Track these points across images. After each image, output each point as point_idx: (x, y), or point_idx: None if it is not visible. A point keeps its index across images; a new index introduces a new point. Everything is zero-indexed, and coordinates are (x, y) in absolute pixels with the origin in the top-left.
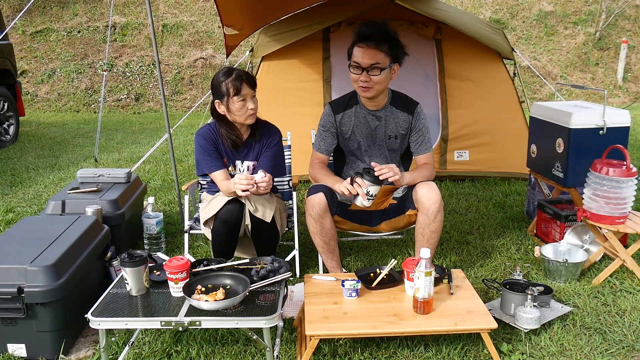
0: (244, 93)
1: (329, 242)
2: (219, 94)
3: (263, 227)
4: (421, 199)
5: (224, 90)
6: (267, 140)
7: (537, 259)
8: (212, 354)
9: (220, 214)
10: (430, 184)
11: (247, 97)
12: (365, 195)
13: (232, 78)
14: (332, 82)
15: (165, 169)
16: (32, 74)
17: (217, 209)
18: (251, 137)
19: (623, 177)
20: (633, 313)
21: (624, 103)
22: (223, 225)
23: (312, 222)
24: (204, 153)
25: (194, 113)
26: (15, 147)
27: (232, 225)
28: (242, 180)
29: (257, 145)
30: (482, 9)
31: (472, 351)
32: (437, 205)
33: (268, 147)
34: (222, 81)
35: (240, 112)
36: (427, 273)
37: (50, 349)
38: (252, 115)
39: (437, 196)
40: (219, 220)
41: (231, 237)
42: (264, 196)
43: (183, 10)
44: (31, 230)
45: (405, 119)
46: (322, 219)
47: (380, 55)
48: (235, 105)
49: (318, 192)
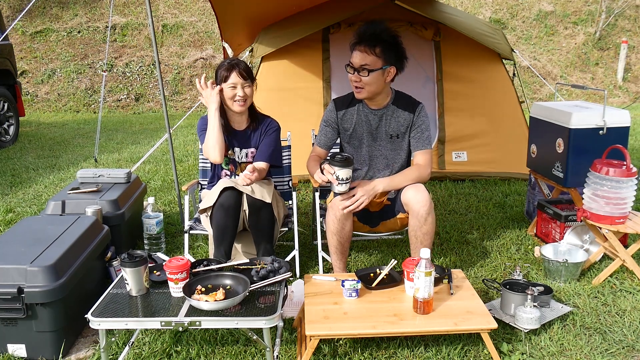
0: (233, 81)
1: (344, 244)
2: (217, 79)
3: (261, 212)
4: (410, 203)
5: (219, 77)
6: (265, 128)
7: (537, 259)
8: (212, 354)
9: (218, 199)
10: (417, 186)
11: (238, 85)
12: (336, 180)
13: (225, 66)
14: (332, 82)
15: (165, 169)
16: (32, 74)
17: (216, 196)
18: (250, 127)
19: (623, 177)
20: (633, 313)
21: (624, 103)
22: (222, 209)
23: (334, 221)
24: (204, 126)
25: (194, 113)
26: (15, 148)
27: (231, 209)
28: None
29: (255, 134)
30: (482, 9)
31: (472, 351)
32: (426, 207)
33: (266, 134)
34: (219, 68)
35: (228, 97)
36: (427, 273)
37: (50, 349)
38: (241, 103)
39: (425, 199)
40: (217, 205)
41: (230, 222)
42: (260, 182)
43: (183, 10)
44: (31, 230)
45: (406, 118)
46: (345, 220)
47: (370, 58)
48: (226, 90)
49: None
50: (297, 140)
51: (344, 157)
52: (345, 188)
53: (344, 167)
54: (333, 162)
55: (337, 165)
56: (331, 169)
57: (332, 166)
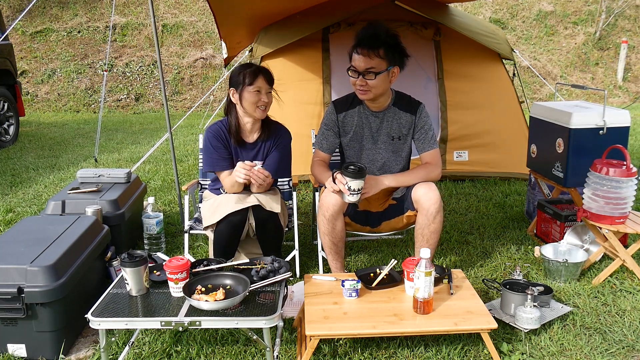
0: (259, 85)
1: (337, 244)
2: (235, 83)
3: (268, 223)
4: (420, 200)
5: (240, 79)
6: (276, 140)
7: (537, 259)
8: (212, 354)
9: (225, 218)
10: (429, 184)
11: (262, 90)
12: (348, 191)
13: (251, 70)
14: (332, 82)
15: (165, 169)
16: (32, 74)
17: (223, 216)
18: (260, 138)
19: (623, 177)
20: (633, 313)
21: (624, 103)
22: (228, 227)
23: (324, 222)
24: (213, 151)
25: (194, 113)
26: (15, 147)
27: (237, 227)
28: (241, 169)
29: (266, 145)
30: (482, 9)
31: (472, 351)
32: (437, 205)
33: (277, 147)
34: (240, 71)
35: (251, 102)
36: (427, 273)
37: (50, 349)
38: (263, 109)
39: (436, 197)
40: (224, 222)
41: (235, 238)
42: (266, 192)
43: (183, 10)
44: (31, 230)
45: (407, 119)
46: (334, 220)
47: (375, 60)
48: (249, 94)
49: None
50: (296, 140)
51: (357, 168)
52: (356, 198)
53: (356, 178)
54: (345, 173)
55: (349, 176)
56: (343, 179)
57: (344, 176)
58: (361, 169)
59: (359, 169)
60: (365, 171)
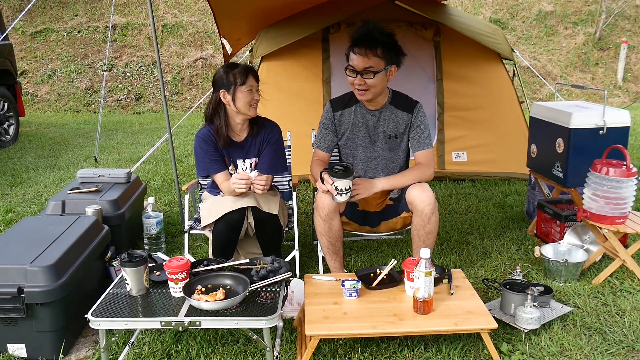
0: (250, 83)
1: (335, 243)
2: (226, 84)
3: (267, 223)
4: (414, 202)
5: (230, 80)
6: (266, 135)
7: (537, 259)
8: (212, 354)
9: (223, 218)
10: (422, 185)
11: (253, 89)
12: (335, 190)
13: (240, 69)
14: (332, 82)
15: (165, 169)
16: (32, 74)
17: (220, 216)
18: (250, 135)
19: (623, 177)
20: (633, 313)
21: (624, 103)
22: (226, 225)
23: (320, 222)
24: (204, 155)
25: (194, 113)
26: (15, 147)
27: (235, 225)
28: (239, 181)
29: (256, 142)
30: (482, 9)
31: (472, 351)
32: (431, 207)
33: (268, 143)
34: (229, 72)
35: (245, 102)
36: (427, 273)
37: (50, 349)
38: (255, 107)
39: (429, 198)
40: (222, 221)
41: (233, 237)
42: (266, 193)
43: (183, 10)
44: (31, 230)
45: (404, 118)
46: (330, 220)
47: (374, 60)
48: (243, 93)
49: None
50: (297, 140)
51: (342, 168)
52: (345, 198)
53: (342, 177)
54: (331, 173)
55: (335, 176)
56: (330, 179)
57: (330, 177)
58: (347, 169)
59: (344, 169)
60: (352, 171)
